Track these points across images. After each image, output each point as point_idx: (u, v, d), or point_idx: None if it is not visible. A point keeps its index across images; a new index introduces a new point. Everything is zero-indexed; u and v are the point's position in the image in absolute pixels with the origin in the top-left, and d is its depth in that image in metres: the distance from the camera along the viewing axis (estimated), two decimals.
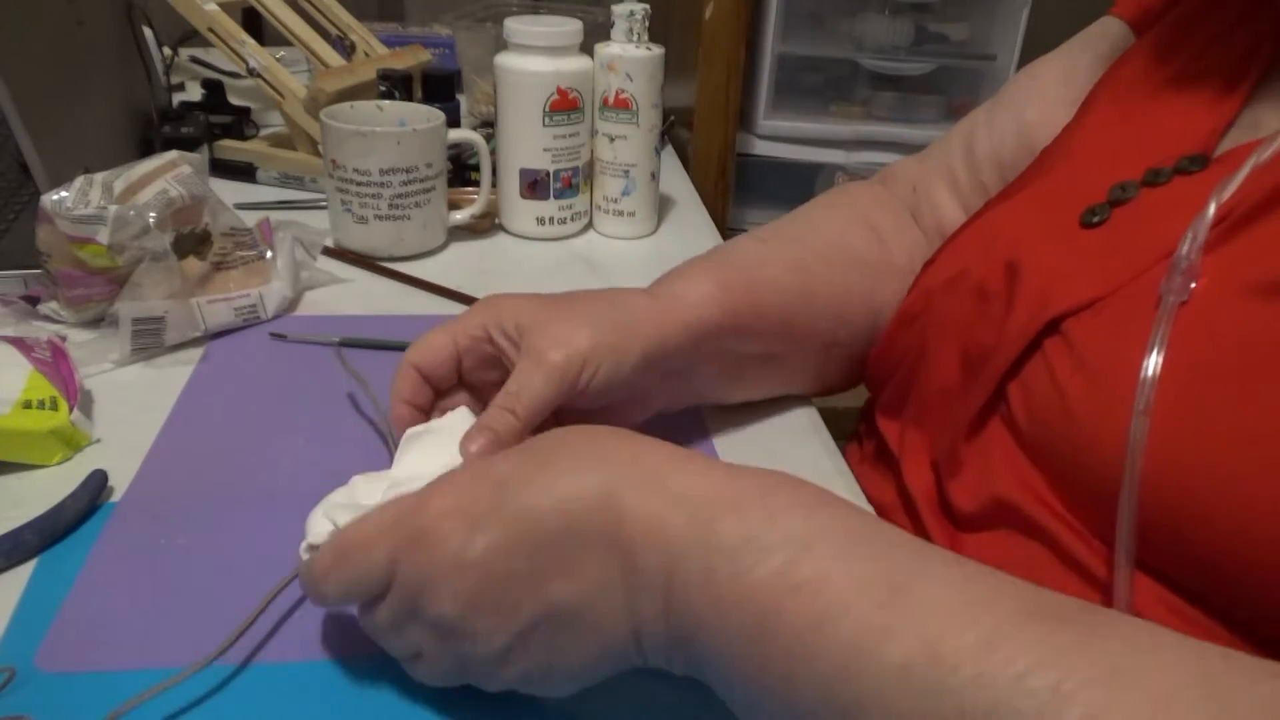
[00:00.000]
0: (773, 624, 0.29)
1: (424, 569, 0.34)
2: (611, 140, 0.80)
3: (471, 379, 0.49)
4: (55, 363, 0.53)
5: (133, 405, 0.55)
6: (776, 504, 0.31)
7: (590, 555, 0.32)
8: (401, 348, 0.62)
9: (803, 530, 0.30)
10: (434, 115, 0.76)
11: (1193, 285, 0.38)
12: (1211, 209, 0.38)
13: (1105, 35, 0.57)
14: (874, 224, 0.61)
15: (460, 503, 0.34)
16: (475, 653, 0.34)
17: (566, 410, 0.46)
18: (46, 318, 0.62)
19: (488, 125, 1.03)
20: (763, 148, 1.39)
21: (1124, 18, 0.57)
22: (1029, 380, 0.43)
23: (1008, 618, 0.27)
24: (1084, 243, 0.44)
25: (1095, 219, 0.45)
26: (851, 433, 0.62)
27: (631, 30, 0.77)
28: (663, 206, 0.89)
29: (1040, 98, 0.58)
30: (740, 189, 1.35)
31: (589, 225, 0.86)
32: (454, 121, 0.89)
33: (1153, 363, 0.37)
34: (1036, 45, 1.64)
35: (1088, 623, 0.27)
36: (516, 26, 0.76)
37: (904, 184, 0.65)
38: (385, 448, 0.52)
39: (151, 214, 0.59)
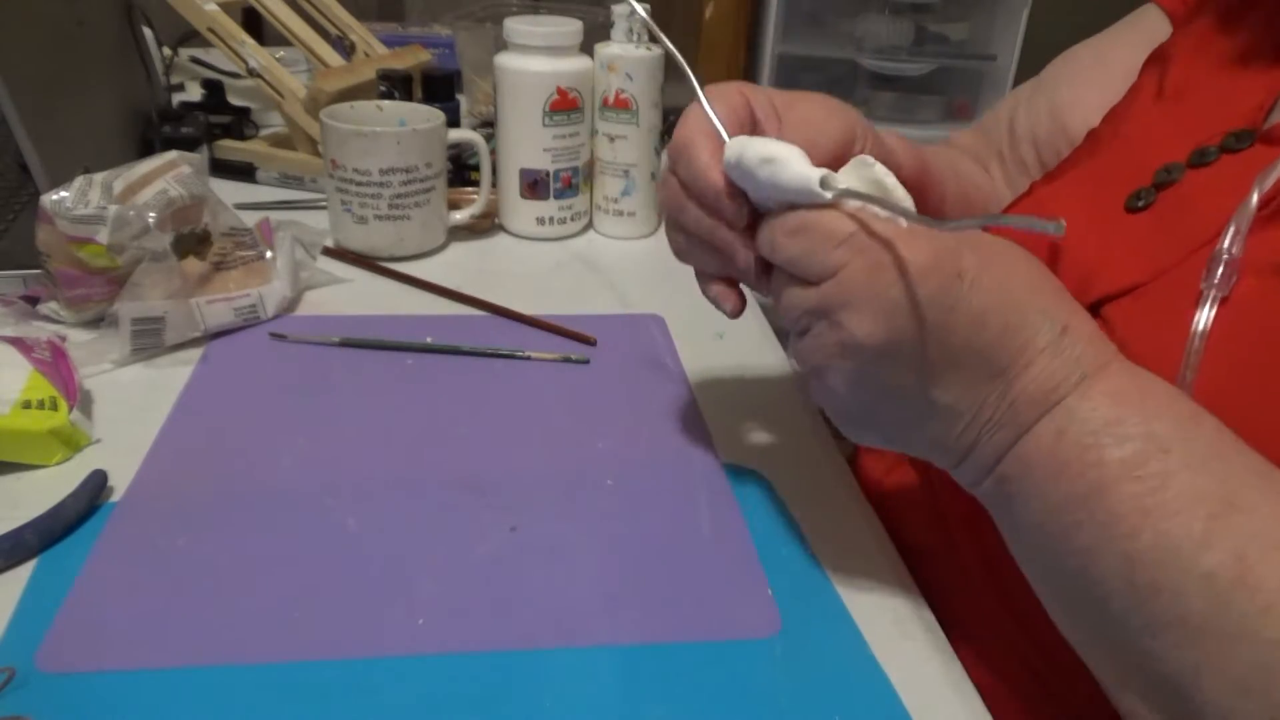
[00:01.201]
0: (1101, 499, 0.33)
1: (863, 296, 0.35)
2: (611, 140, 0.80)
3: None
4: (55, 363, 0.53)
5: (133, 405, 0.55)
6: (1153, 406, 0.34)
7: (983, 379, 0.35)
8: (402, 347, 0.63)
9: (1166, 433, 0.33)
10: (434, 115, 0.76)
11: (1234, 279, 0.37)
12: (1254, 199, 0.38)
13: (1142, 22, 0.58)
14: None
15: (923, 267, 0.35)
16: (841, 366, 0.37)
17: None
18: (46, 318, 0.62)
19: (488, 125, 1.03)
20: None
21: (1162, 5, 0.57)
22: None
23: None
24: (1128, 227, 0.44)
25: (1140, 203, 0.44)
26: None
27: (631, 30, 0.77)
28: None
29: (1073, 79, 0.60)
30: None
31: (589, 225, 0.86)
32: (454, 121, 0.89)
33: (1193, 359, 0.37)
34: (1036, 45, 1.64)
35: None
36: (516, 26, 0.76)
37: (970, 153, 0.66)
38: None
39: (151, 214, 0.59)
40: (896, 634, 0.43)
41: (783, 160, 0.37)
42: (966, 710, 0.39)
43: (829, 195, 0.37)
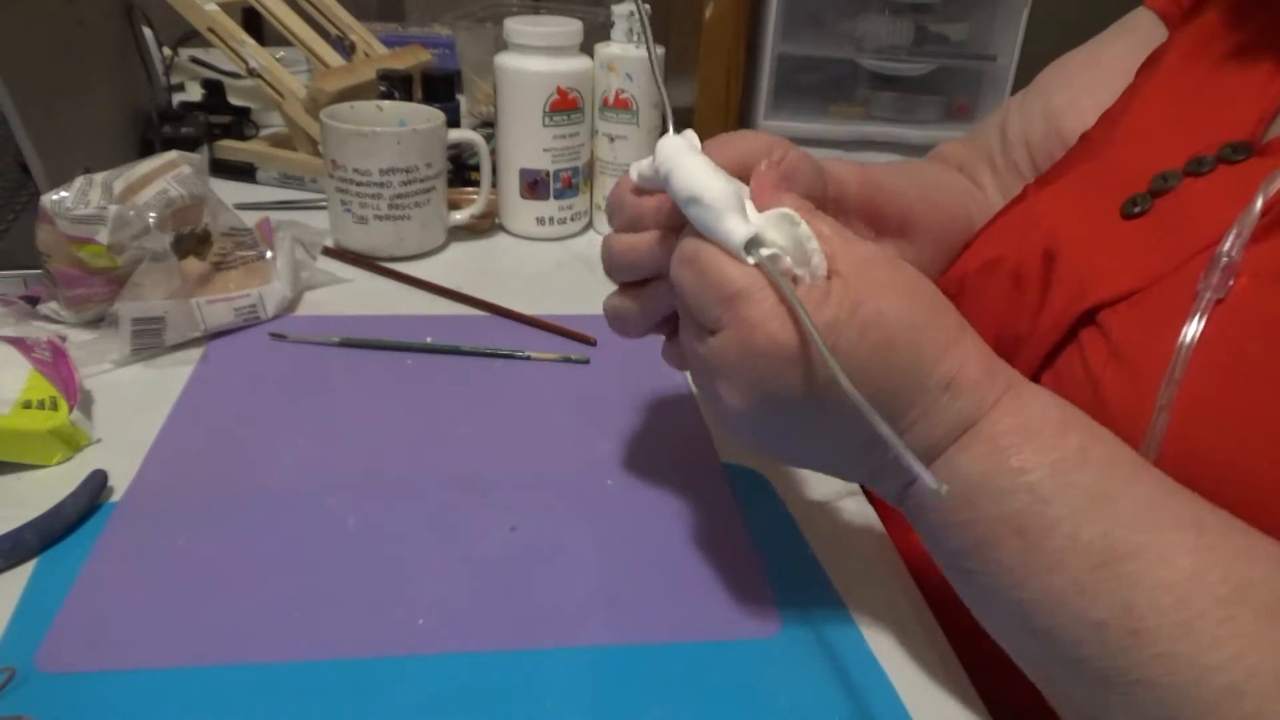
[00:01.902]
0: (987, 552, 0.34)
1: (736, 371, 0.35)
2: (611, 140, 0.80)
3: None
4: (55, 363, 0.53)
5: (133, 405, 0.55)
6: (1035, 448, 0.34)
7: (862, 441, 0.36)
8: (402, 347, 0.63)
9: (1044, 485, 0.33)
10: (434, 115, 0.76)
11: (1231, 282, 0.38)
12: (1259, 204, 0.38)
13: (1135, 25, 0.58)
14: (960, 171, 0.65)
15: (795, 352, 0.34)
16: (725, 407, 0.36)
17: None
18: (46, 318, 0.62)
19: (488, 125, 1.03)
20: None
21: (1155, 9, 0.57)
22: (1062, 370, 0.43)
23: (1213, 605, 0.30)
24: (1124, 233, 0.44)
25: (1136, 209, 0.44)
26: None
27: (631, 30, 0.77)
28: None
29: (1067, 83, 0.59)
30: None
31: (589, 225, 0.86)
32: (454, 121, 0.89)
33: (1181, 359, 0.37)
34: (1036, 45, 1.64)
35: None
36: (516, 26, 0.76)
37: (952, 163, 0.66)
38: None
39: (151, 214, 0.59)
40: (896, 634, 0.43)
41: (710, 208, 0.35)
42: (966, 710, 0.39)
43: (751, 262, 0.34)
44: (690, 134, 0.40)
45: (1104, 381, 0.40)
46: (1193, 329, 0.37)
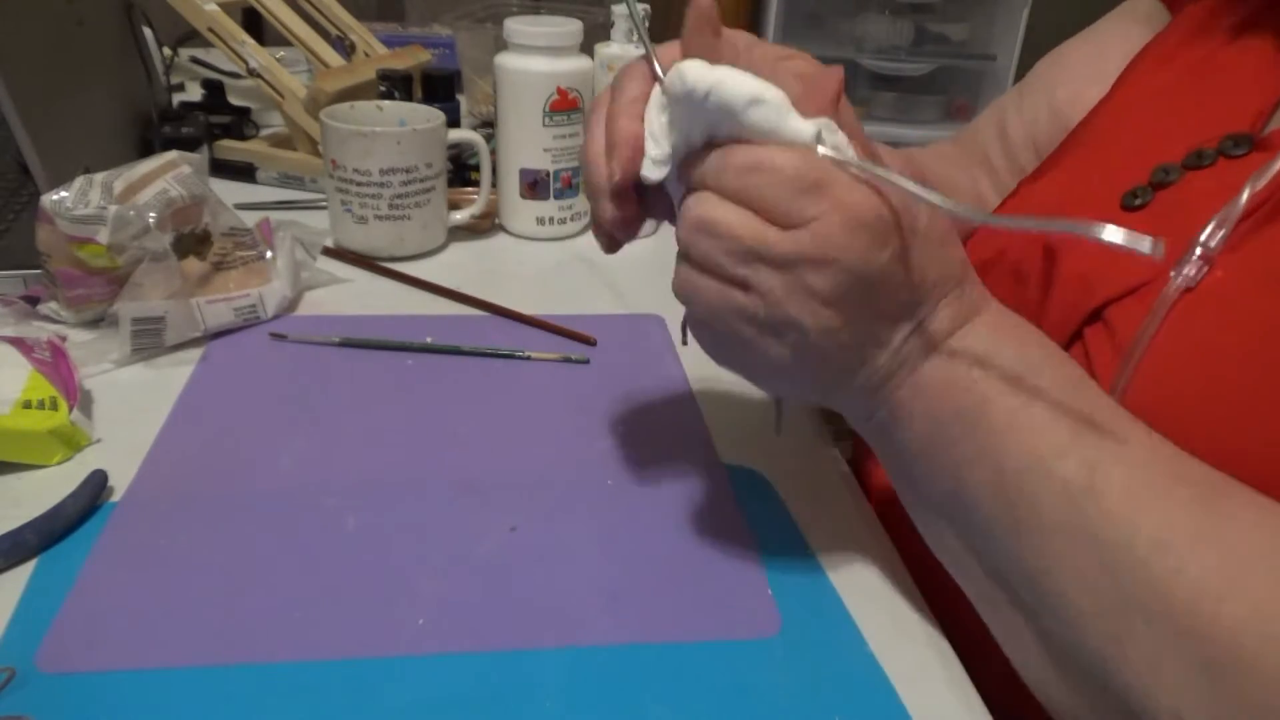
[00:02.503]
0: (980, 413, 0.37)
1: (836, 253, 0.35)
2: None
3: None
4: (55, 363, 0.53)
5: (133, 405, 0.55)
6: (1027, 338, 0.38)
7: (906, 319, 0.38)
8: (402, 347, 0.63)
9: (1038, 359, 0.38)
10: (434, 115, 0.76)
11: (1204, 272, 0.38)
12: (1244, 197, 0.38)
13: (1135, 10, 0.57)
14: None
15: (890, 224, 0.35)
16: (775, 316, 0.36)
17: None
18: (46, 318, 0.62)
19: (488, 125, 1.03)
20: None
21: None
22: None
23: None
24: (1126, 226, 0.44)
25: (1137, 201, 0.44)
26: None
27: (631, 30, 0.77)
28: None
29: (1069, 76, 0.59)
30: None
31: (589, 225, 0.86)
32: (454, 121, 0.89)
33: (1140, 347, 0.39)
34: (1036, 45, 1.64)
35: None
36: (516, 27, 0.76)
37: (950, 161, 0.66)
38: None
39: (151, 214, 0.59)
40: (896, 634, 0.43)
41: (775, 106, 0.34)
42: (966, 710, 0.39)
43: (826, 151, 0.34)
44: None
45: (1105, 379, 0.40)
46: (1157, 317, 0.39)
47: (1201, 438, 0.36)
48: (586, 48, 0.79)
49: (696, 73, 0.35)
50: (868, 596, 0.45)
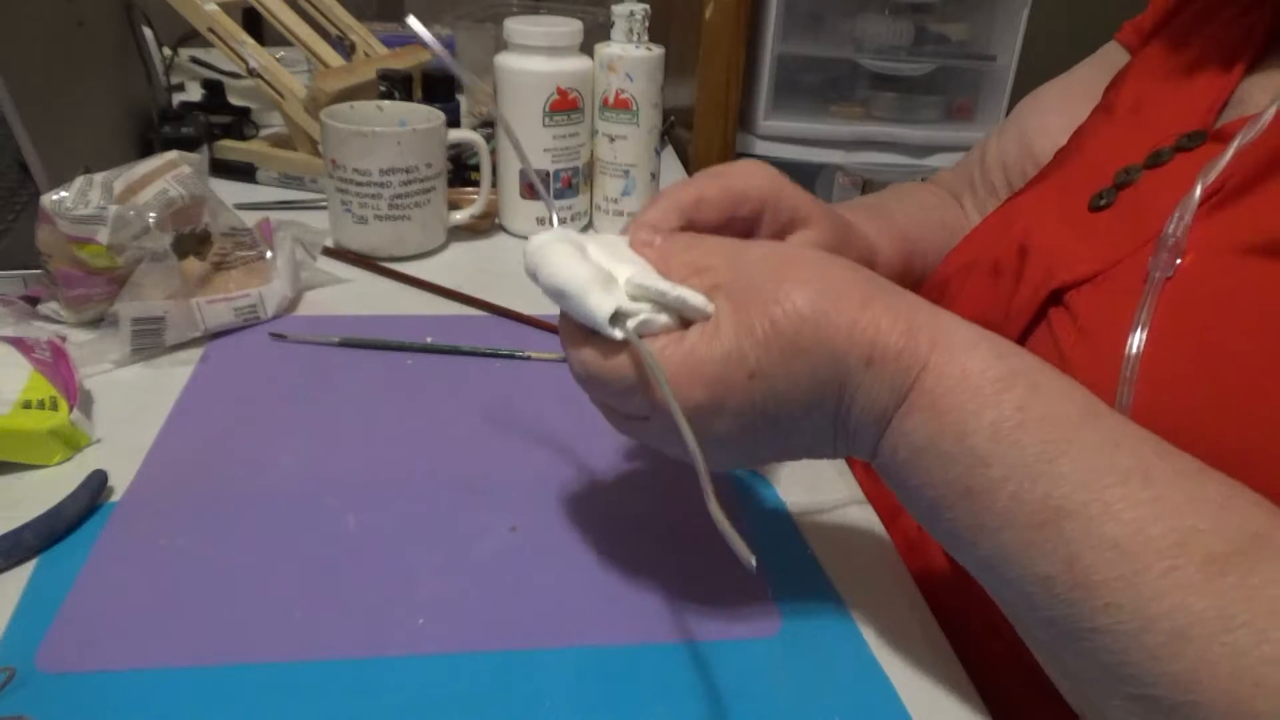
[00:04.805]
0: (941, 514, 0.35)
1: (675, 438, 0.35)
2: (611, 140, 0.80)
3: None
4: (55, 363, 0.53)
5: (133, 405, 0.55)
6: (971, 412, 0.34)
7: (826, 416, 0.37)
8: (402, 347, 0.63)
9: (983, 448, 0.33)
10: (434, 115, 0.76)
11: (1178, 261, 0.40)
12: (1198, 190, 0.40)
13: (1106, 55, 0.63)
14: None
15: (711, 400, 0.36)
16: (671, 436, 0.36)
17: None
18: (46, 318, 0.62)
19: (488, 125, 1.03)
20: (762, 148, 1.39)
21: (1124, 44, 0.62)
22: (1035, 348, 0.44)
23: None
24: (1091, 224, 0.46)
25: (1102, 202, 0.47)
26: None
27: (631, 30, 0.77)
28: None
29: (1040, 109, 0.65)
30: None
31: (589, 225, 0.86)
32: (454, 121, 0.89)
33: (1137, 338, 0.39)
34: (1036, 45, 1.64)
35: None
36: (516, 27, 0.76)
37: (944, 189, 0.71)
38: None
39: (151, 214, 0.59)
40: (896, 634, 0.43)
41: (573, 296, 0.36)
42: (966, 710, 0.39)
43: (619, 335, 0.36)
44: (562, 229, 0.41)
45: (1074, 359, 0.42)
46: (1147, 306, 0.39)
47: (1219, 412, 0.36)
48: (586, 48, 0.79)
49: (531, 253, 0.39)
50: (868, 596, 0.45)
